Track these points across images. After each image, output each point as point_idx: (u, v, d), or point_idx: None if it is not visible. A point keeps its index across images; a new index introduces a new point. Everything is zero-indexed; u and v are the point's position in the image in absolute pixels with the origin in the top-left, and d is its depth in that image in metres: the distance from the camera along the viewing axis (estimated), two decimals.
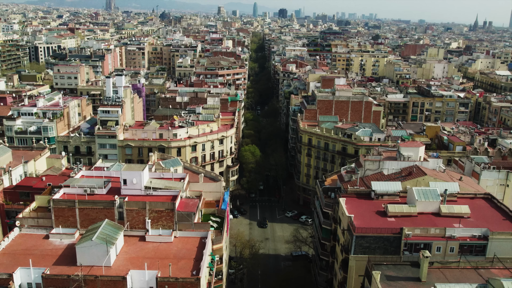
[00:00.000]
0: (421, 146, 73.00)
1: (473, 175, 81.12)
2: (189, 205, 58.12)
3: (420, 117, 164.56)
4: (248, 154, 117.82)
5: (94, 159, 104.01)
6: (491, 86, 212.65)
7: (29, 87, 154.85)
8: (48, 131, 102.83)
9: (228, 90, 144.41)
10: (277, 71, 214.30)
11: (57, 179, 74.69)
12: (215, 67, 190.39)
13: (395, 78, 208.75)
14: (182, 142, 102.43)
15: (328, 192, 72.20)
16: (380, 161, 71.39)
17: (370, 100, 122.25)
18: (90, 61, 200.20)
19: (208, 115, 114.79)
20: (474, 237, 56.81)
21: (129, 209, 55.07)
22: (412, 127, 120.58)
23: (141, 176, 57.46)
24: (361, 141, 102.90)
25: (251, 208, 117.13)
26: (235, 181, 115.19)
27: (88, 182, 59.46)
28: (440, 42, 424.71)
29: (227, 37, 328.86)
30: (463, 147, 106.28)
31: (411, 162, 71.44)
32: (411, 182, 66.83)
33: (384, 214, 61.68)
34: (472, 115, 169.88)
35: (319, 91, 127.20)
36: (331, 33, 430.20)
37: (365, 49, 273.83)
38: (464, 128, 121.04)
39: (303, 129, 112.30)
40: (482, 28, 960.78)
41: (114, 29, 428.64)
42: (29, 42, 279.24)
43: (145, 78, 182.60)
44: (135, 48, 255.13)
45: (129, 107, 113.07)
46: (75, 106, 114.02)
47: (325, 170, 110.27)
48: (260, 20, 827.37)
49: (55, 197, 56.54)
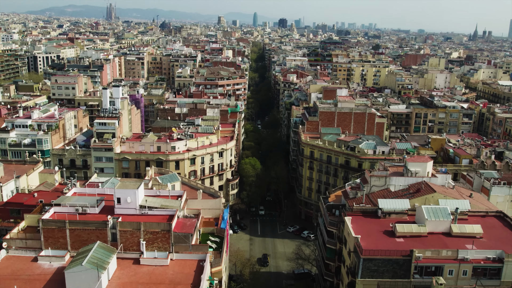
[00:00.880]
0: (429, 161, 70.06)
1: (483, 191, 78.01)
2: (187, 225, 54.99)
3: (423, 128, 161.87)
4: (249, 167, 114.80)
5: (90, 172, 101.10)
6: (493, 96, 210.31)
7: (26, 98, 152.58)
8: (42, 143, 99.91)
9: (228, 101, 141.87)
10: (277, 81, 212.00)
11: (50, 195, 71.86)
12: (215, 77, 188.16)
13: (397, 89, 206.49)
14: (181, 155, 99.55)
15: (333, 209, 69.05)
16: (387, 177, 68.39)
17: (373, 112, 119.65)
18: (89, 71, 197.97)
19: (207, 127, 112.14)
20: (489, 260, 53.65)
21: (122, 230, 51.96)
22: (416, 139, 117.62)
23: (136, 194, 54.45)
24: (365, 154, 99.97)
25: (252, 223, 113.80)
26: (235, 195, 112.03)
27: (80, 201, 56.40)
28: (441, 52, 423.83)
29: (227, 47, 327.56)
30: (469, 160, 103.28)
31: (419, 178, 68.44)
32: (420, 200, 63.82)
33: (392, 234, 58.53)
34: (476, 126, 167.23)
35: (321, 102, 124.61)
36: (331, 42, 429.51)
37: (366, 59, 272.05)
38: (469, 140, 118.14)
39: (305, 142, 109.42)
40: (481, 37, 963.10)
41: (114, 39, 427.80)
42: (28, 52, 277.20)
43: (144, 89, 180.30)
44: (134, 58, 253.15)
45: (127, 119, 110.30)
46: (71, 118, 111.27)
47: (328, 184, 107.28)
48: (260, 30, 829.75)
49: (44, 217, 53.45)
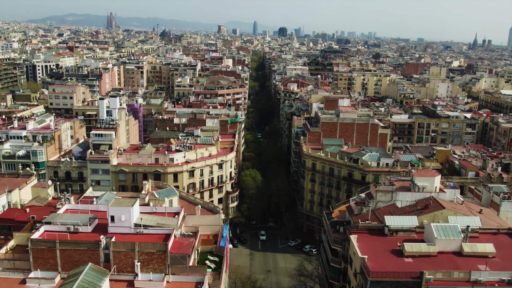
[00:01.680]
0: (436, 176, 67.35)
1: (492, 206, 75.25)
2: (184, 245, 52.13)
3: (426, 139, 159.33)
4: (249, 179, 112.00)
5: (86, 185, 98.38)
6: (496, 106, 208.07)
7: (22, 107, 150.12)
8: (37, 155, 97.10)
9: (228, 111, 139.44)
10: (278, 91, 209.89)
11: (42, 210, 69.24)
12: (214, 86, 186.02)
13: (399, 98, 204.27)
14: (179, 168, 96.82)
15: (337, 225, 66.21)
16: (393, 192, 65.61)
17: (376, 122, 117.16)
18: (87, 80, 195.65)
19: (206, 138, 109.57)
20: (503, 282, 50.67)
21: (116, 250, 49.13)
22: (420, 150, 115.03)
23: (131, 212, 51.69)
24: (368, 166, 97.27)
25: (252, 237, 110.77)
26: (235, 208, 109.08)
27: (72, 219, 53.62)
28: (441, 61, 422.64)
29: (227, 55, 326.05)
30: (476, 172, 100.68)
31: (426, 193, 65.68)
32: (428, 217, 61.02)
33: (400, 253, 55.65)
34: (479, 136, 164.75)
35: (323, 113, 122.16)
36: (331, 51, 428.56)
37: (367, 68, 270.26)
38: (475, 151, 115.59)
39: (307, 153, 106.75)
40: (481, 46, 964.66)
41: (113, 48, 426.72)
42: (27, 61, 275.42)
43: (143, 98, 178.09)
44: (133, 67, 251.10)
45: (124, 130, 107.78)
46: (67, 129, 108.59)
47: (330, 197, 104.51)
48: (260, 39, 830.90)
49: (34, 236, 50.68)
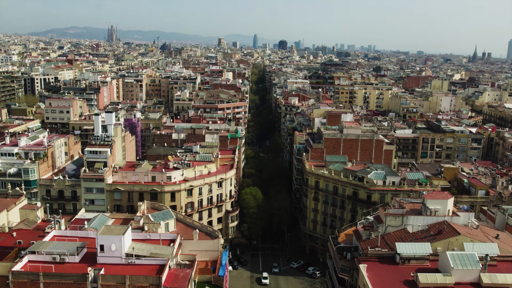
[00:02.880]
0: (449, 198, 63.34)
1: (507, 229, 71.04)
2: (179, 277, 47.91)
3: (431, 154, 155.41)
4: (249, 198, 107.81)
5: (79, 204, 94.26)
6: (500, 120, 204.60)
7: (18, 122, 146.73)
8: (29, 173, 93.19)
9: (227, 126, 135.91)
10: (278, 104, 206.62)
11: (30, 234, 65.28)
12: (214, 100, 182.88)
13: (402, 112, 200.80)
14: (177, 186, 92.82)
15: (344, 251, 61.99)
16: (404, 216, 61.53)
17: (381, 139, 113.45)
18: (85, 94, 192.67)
19: (206, 154, 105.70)
20: None
21: (105, 284, 44.97)
22: (427, 167, 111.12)
23: (122, 241, 47.60)
24: (374, 185, 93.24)
25: (253, 257, 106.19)
26: (235, 228, 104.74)
27: (58, 248, 49.51)
28: (443, 74, 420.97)
29: (227, 68, 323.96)
30: (486, 191, 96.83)
31: (439, 217, 61.63)
32: (443, 243, 56.88)
33: (414, 285, 51.42)
34: (485, 151, 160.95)
35: (326, 128, 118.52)
36: (332, 64, 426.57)
37: (368, 81, 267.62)
38: (483, 168, 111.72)
39: (310, 171, 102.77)
40: (481, 59, 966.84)
41: (113, 61, 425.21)
42: (26, 74, 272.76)
43: (142, 112, 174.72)
44: (132, 80, 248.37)
45: (120, 147, 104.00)
46: (61, 145, 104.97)
47: (334, 216, 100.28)
48: (260, 52, 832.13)
49: (16, 267, 46.54)
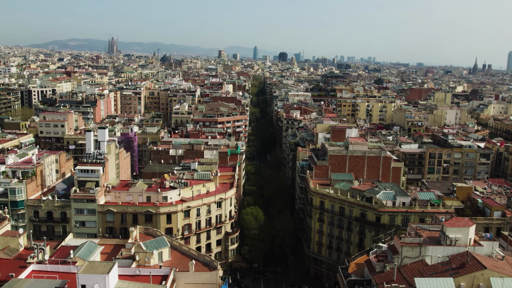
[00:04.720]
0: (471, 226, 57.63)
1: None
2: None
3: (438, 170, 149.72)
4: (250, 218, 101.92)
5: (69, 226, 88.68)
6: (507, 133, 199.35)
7: (10, 136, 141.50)
8: (15, 193, 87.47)
9: (227, 141, 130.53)
10: (280, 118, 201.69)
11: (10, 265, 59.96)
12: (214, 113, 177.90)
13: (407, 126, 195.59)
14: (173, 207, 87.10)
15: (355, 286, 56.12)
16: (422, 246, 55.77)
17: (388, 155, 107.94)
18: (81, 107, 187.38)
19: (204, 172, 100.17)
20: None
21: None
22: (438, 186, 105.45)
23: (106, 281, 41.84)
24: (383, 206, 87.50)
25: (254, 282, 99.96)
26: (235, 250, 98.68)
27: (34, 287, 43.73)
28: (445, 86, 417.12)
29: (227, 81, 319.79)
30: (502, 212, 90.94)
31: (460, 247, 55.87)
32: (467, 279, 51.03)
33: None
34: (493, 166, 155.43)
35: (330, 144, 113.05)
36: (333, 76, 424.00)
37: (371, 94, 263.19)
38: (497, 187, 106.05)
39: (314, 190, 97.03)
40: (481, 71, 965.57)
41: (113, 73, 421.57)
42: (23, 86, 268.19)
43: (139, 126, 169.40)
44: (131, 93, 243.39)
45: (114, 164, 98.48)
46: (51, 163, 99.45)
47: (341, 239, 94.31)
48: (260, 64, 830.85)
49: None
